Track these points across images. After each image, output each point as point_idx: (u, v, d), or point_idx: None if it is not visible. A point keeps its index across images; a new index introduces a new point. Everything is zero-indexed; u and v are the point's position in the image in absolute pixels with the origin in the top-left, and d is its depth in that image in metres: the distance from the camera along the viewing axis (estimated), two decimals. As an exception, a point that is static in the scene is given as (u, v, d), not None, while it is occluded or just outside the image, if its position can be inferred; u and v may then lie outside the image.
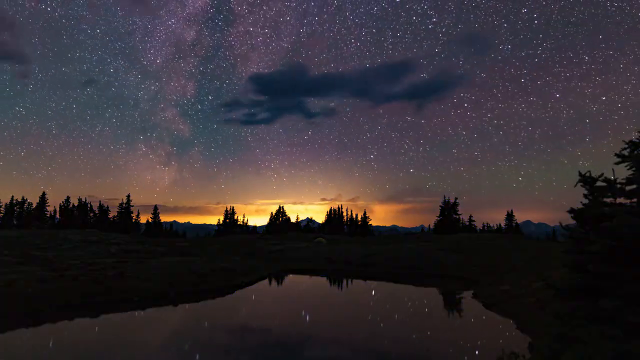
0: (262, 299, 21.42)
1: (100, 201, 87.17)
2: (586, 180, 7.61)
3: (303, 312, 18.18)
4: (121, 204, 69.46)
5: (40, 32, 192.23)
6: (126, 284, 19.83)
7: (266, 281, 26.98)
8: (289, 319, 16.90)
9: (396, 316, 17.59)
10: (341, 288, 26.39)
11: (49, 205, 66.66)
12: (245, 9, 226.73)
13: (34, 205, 65.82)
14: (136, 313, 17.05)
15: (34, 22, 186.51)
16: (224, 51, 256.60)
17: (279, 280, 27.98)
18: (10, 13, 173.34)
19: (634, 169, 7.15)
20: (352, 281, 28.59)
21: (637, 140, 7.26)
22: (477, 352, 12.10)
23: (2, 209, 63.56)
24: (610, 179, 7.33)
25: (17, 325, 14.12)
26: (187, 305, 18.86)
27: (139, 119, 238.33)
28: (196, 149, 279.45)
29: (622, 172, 7.34)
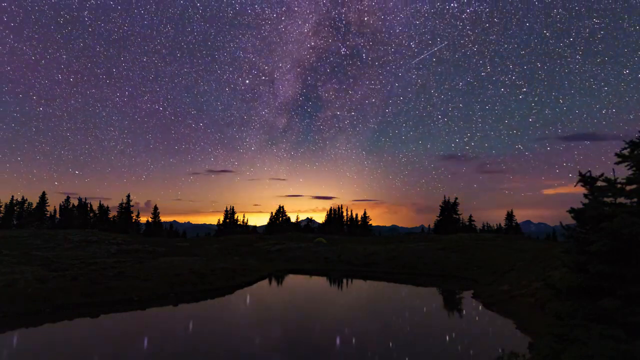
0: (262, 300, 21.41)
1: (100, 201, 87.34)
2: (586, 180, 7.60)
3: (302, 313, 18.17)
4: (121, 204, 69.48)
5: (153, 129, 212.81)
6: (126, 284, 19.82)
7: (266, 281, 26.98)
8: (289, 319, 16.90)
9: (396, 317, 17.58)
10: (341, 288, 26.38)
11: (49, 205, 66.73)
12: (332, 94, 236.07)
13: (34, 206, 65.83)
14: (136, 313, 17.04)
15: (149, 120, 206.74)
16: (313, 135, 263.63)
17: (279, 281, 27.98)
18: (130, 114, 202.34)
19: (634, 169, 7.15)
20: (352, 281, 28.57)
21: (637, 140, 7.24)
22: (477, 352, 12.10)
23: (2, 209, 63.57)
24: (610, 179, 7.32)
25: (17, 325, 14.13)
26: (187, 306, 18.85)
27: (236, 202, 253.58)
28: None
29: (622, 172, 7.35)
